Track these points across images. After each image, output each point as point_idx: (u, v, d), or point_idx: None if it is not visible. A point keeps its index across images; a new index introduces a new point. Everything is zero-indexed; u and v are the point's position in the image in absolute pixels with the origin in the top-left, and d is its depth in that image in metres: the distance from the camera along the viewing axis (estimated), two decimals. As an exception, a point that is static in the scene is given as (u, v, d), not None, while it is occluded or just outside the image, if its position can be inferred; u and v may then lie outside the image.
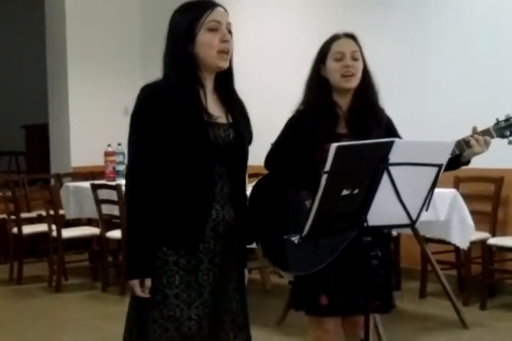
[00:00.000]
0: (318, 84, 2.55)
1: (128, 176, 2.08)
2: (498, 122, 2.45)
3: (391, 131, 2.59)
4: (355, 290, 2.47)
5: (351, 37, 2.57)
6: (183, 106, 2.02)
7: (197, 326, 2.04)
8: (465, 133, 2.47)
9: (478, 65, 4.98)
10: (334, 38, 2.57)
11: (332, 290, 2.47)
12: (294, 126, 2.54)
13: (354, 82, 2.51)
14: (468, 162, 2.46)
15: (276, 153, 2.54)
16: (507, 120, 2.44)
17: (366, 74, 2.55)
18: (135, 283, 2.02)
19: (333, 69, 2.51)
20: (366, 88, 2.54)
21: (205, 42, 2.04)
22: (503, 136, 2.44)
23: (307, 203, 2.42)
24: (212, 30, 2.05)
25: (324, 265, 2.35)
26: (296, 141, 2.51)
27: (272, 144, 2.58)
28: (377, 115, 2.55)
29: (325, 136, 2.46)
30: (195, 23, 2.04)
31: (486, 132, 2.42)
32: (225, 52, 2.06)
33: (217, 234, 2.07)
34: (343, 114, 2.53)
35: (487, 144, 2.40)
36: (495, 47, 4.91)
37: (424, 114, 5.20)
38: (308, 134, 2.48)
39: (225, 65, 2.08)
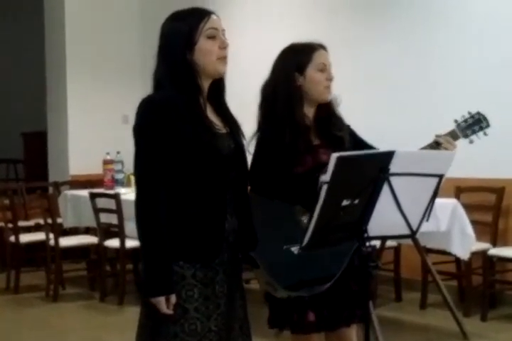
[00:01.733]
0: (293, 94, 2.46)
1: (138, 191, 2.01)
2: (458, 124, 2.48)
3: (355, 136, 2.57)
4: (340, 303, 2.43)
5: (325, 48, 2.54)
6: (190, 116, 2.00)
7: (217, 337, 2.02)
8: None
9: (482, 72, 4.97)
10: (313, 48, 2.50)
11: (319, 306, 2.42)
12: (271, 143, 2.43)
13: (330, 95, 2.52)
14: None
15: (261, 172, 2.42)
16: (465, 121, 2.48)
17: None
18: (161, 301, 1.95)
19: (317, 80, 2.46)
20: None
21: (206, 50, 2.04)
22: (466, 136, 2.48)
23: (303, 218, 2.39)
24: (211, 37, 2.05)
25: (331, 283, 2.32)
26: (276, 156, 2.42)
27: (252, 162, 2.42)
28: (340, 123, 2.54)
29: (304, 149, 2.43)
30: (193, 30, 2.03)
31: (452, 133, 2.46)
32: (224, 58, 2.07)
33: (228, 245, 2.07)
34: (311, 124, 2.51)
35: (453, 144, 2.42)
36: (499, 55, 4.90)
37: (428, 121, 5.19)
38: (288, 149, 2.41)
39: (224, 70, 2.09)
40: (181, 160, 1.99)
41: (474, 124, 2.48)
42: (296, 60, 2.49)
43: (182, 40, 2.03)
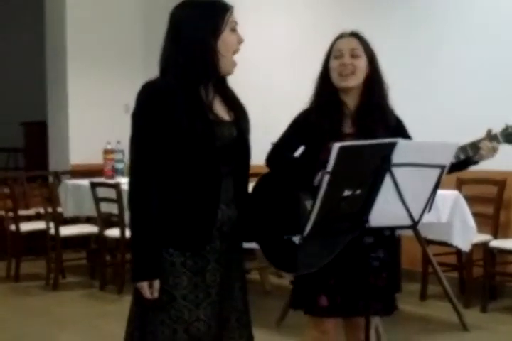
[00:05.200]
0: (324, 83, 2.53)
1: (131, 176, 2.02)
2: (506, 128, 2.43)
3: (400, 132, 2.53)
4: (355, 292, 2.44)
5: (354, 35, 2.55)
6: (189, 104, 1.99)
7: (205, 326, 2.02)
8: (475, 133, 2.46)
9: (487, 65, 4.95)
10: (338, 37, 2.56)
11: (332, 291, 2.45)
12: (299, 123, 2.53)
13: (353, 81, 2.47)
14: (477, 162, 2.45)
15: (279, 149, 2.52)
16: None
17: (374, 72, 2.51)
18: (143, 285, 1.98)
19: (332, 67, 2.50)
20: (373, 87, 2.50)
21: (229, 42, 2.04)
22: (510, 142, 2.43)
23: (307, 203, 2.39)
24: (234, 30, 2.06)
25: (321, 265, 2.31)
26: (300, 138, 2.50)
27: (275, 141, 2.56)
28: (384, 115, 2.50)
29: (330, 133, 2.43)
30: (220, 20, 2.02)
31: (493, 137, 2.41)
32: (235, 53, 2.08)
33: (222, 234, 2.06)
34: (349, 113, 2.51)
35: (495, 150, 2.40)
36: (502, 48, 4.88)
37: (432, 115, 5.17)
38: (313, 131, 2.46)
39: (233, 70, 2.08)
40: (175, 148, 1.98)
41: None
42: (327, 51, 2.56)
43: (209, 28, 2.01)
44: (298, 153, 2.58)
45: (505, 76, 4.82)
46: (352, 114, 2.50)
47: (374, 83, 2.50)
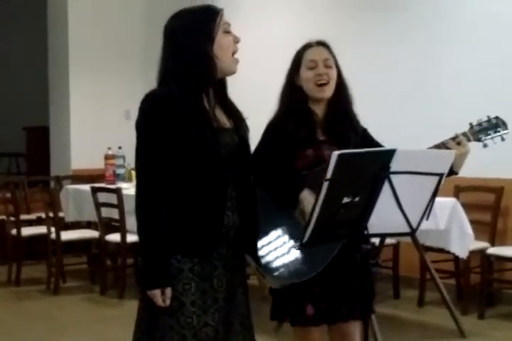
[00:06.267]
0: (293, 92, 2.54)
1: (138, 186, 2.02)
2: (472, 127, 2.48)
3: (368, 139, 2.59)
4: (339, 298, 2.45)
5: (323, 45, 2.57)
6: (194, 112, 2.01)
7: (214, 332, 2.03)
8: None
9: (482, 70, 4.98)
10: (306, 47, 2.56)
11: (317, 299, 2.44)
12: (274, 131, 2.52)
13: (328, 92, 2.51)
14: (457, 173, 2.45)
15: (259, 160, 2.46)
16: (479, 124, 2.48)
17: (340, 82, 2.55)
18: (156, 293, 1.98)
19: (306, 77, 2.51)
20: (340, 96, 2.54)
21: (224, 45, 2.06)
22: (479, 140, 2.48)
23: (295, 212, 2.40)
24: (227, 32, 2.08)
25: (315, 274, 2.33)
26: (277, 146, 2.48)
27: (254, 150, 2.49)
28: (352, 123, 2.55)
29: (306, 141, 2.46)
30: (212, 25, 2.04)
31: (463, 135, 2.45)
32: (235, 54, 2.09)
33: (228, 240, 2.07)
34: (319, 121, 2.54)
35: (463, 146, 2.40)
36: (498, 52, 4.91)
37: (428, 119, 5.19)
38: (289, 139, 2.46)
39: (236, 69, 2.10)
40: (182, 156, 2.00)
41: (489, 128, 2.47)
42: (293, 61, 2.57)
43: (203, 34, 2.03)
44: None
45: (496, 78, 4.87)
46: (321, 122, 2.53)
47: (341, 91, 2.54)
